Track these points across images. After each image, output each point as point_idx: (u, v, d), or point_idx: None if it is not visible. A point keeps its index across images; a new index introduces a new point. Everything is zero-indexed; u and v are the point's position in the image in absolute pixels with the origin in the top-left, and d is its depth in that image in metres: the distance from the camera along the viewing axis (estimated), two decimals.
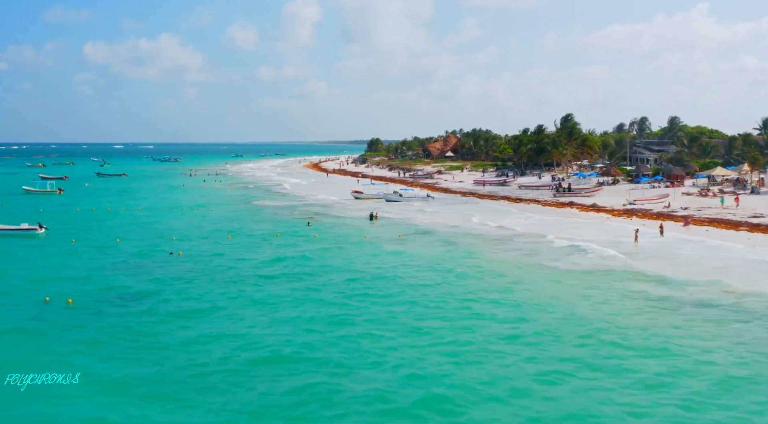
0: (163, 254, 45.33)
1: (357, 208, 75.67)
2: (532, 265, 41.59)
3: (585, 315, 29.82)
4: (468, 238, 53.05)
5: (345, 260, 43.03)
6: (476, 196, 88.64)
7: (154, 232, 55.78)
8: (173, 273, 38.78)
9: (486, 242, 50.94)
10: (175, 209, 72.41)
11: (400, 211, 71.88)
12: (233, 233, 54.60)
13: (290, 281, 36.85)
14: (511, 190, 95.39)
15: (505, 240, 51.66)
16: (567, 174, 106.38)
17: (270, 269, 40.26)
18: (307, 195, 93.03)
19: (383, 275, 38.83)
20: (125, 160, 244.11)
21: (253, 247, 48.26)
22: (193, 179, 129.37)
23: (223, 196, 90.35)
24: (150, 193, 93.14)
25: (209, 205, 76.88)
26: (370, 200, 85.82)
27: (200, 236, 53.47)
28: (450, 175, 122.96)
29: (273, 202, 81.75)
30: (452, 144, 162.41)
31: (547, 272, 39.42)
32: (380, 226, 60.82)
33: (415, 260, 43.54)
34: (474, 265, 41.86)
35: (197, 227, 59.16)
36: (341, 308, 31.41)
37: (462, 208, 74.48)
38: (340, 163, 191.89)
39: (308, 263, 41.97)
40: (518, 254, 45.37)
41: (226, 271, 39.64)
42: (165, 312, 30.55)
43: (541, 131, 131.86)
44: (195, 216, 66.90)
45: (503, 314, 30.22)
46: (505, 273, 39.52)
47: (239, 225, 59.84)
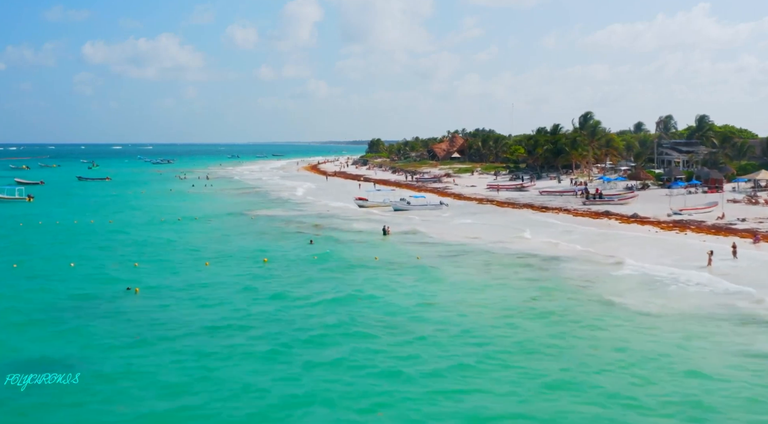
0: (116, 289, 34.65)
1: (363, 218, 65.09)
2: (622, 309, 30.88)
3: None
4: (508, 259, 42.56)
5: (348, 305, 31.90)
6: (494, 203, 78.05)
7: (118, 255, 44.96)
8: (114, 329, 27.91)
9: (537, 266, 40.50)
10: (152, 223, 61.55)
11: (413, 222, 61.34)
12: (215, 258, 43.71)
13: (277, 346, 25.84)
14: (531, 196, 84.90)
15: (559, 263, 41.21)
16: (589, 178, 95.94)
17: (258, 321, 29.34)
18: (306, 202, 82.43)
19: (403, 327, 28.20)
20: (116, 161, 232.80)
21: (236, 280, 37.36)
22: (183, 183, 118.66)
23: (213, 204, 79.65)
24: (130, 202, 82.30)
25: (194, 216, 66.08)
26: (375, 208, 75.46)
27: (173, 262, 42.71)
28: (459, 179, 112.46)
29: (268, 212, 71.07)
30: (458, 145, 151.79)
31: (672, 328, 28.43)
32: (393, 242, 50.28)
33: (443, 297, 33.07)
34: (539, 308, 31.15)
35: (172, 247, 48.27)
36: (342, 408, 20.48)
37: (485, 219, 63.85)
38: (340, 165, 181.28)
39: (301, 311, 31.02)
40: (598, 289, 34.61)
41: (189, 323, 28.85)
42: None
43: (557, 131, 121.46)
44: (174, 232, 56.09)
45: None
46: (600, 324, 28.70)
47: (225, 245, 48.88)
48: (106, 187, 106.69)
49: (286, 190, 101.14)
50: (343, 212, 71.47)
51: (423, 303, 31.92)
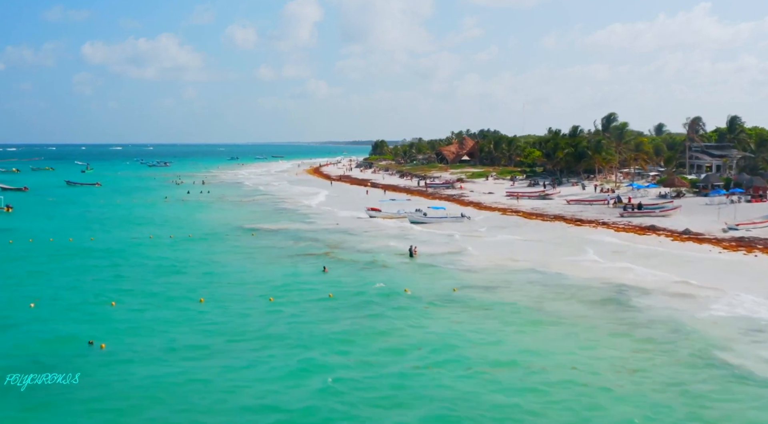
0: (77, 344, 26.64)
1: (381, 234, 56.90)
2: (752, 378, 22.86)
3: None
4: (570, 291, 34.57)
5: (405, 384, 23.10)
6: (520, 214, 69.94)
7: (90, 289, 36.58)
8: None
9: (612, 303, 32.44)
10: (139, 244, 52.89)
11: (438, 239, 53.36)
12: (211, 293, 35.32)
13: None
14: (557, 205, 76.92)
15: (637, 297, 33.18)
16: (615, 184, 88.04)
17: (262, 401, 21.36)
18: (313, 212, 74.28)
19: (452, 403, 20.40)
20: (112, 163, 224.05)
21: (234, 328, 29.24)
22: (178, 189, 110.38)
23: (210, 217, 71.35)
24: (118, 213, 73.98)
25: (188, 234, 57.76)
26: (389, 220, 67.58)
27: (158, 299, 34.36)
28: (473, 185, 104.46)
29: (271, 225, 62.85)
30: (468, 147, 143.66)
31: None
32: (421, 266, 42.30)
33: (507, 356, 25.13)
34: (643, 378, 23.04)
35: (160, 277, 39.81)
36: None
37: (517, 234, 55.77)
38: (343, 168, 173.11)
39: (341, 402, 22.22)
40: (700, 341, 26.35)
41: (166, 404, 20.94)
42: None
43: (576, 133, 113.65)
44: (164, 255, 47.65)
45: None
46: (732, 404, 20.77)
47: (222, 276, 40.33)
48: (95, 194, 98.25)
49: (289, 197, 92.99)
50: (357, 225, 63.32)
51: (487, 373, 23.82)
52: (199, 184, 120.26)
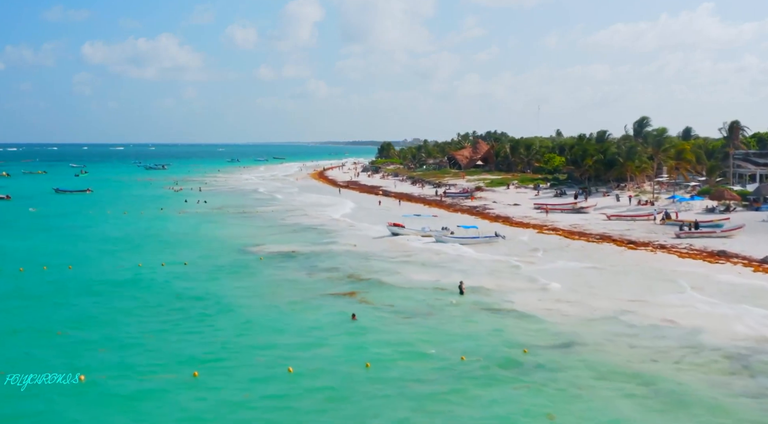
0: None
1: (413, 259, 48.28)
2: None
3: None
4: (702, 357, 25.73)
5: None
6: (560, 233, 61.29)
7: (52, 353, 27.57)
8: None
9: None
10: (124, 274, 43.72)
11: (483, 266, 44.75)
12: (208, 360, 26.66)
13: None
14: (595, 221, 68.43)
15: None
16: (653, 195, 79.65)
17: None
18: (326, 228, 65.56)
19: None
20: (109, 166, 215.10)
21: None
22: (176, 198, 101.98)
23: (209, 234, 62.53)
24: (105, 230, 65.07)
25: (183, 259, 49.04)
26: (414, 237, 59.31)
27: (134, 372, 25.55)
28: (493, 194, 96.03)
29: (280, 247, 54.25)
30: (483, 152, 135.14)
31: None
32: (474, 310, 33.82)
33: None
34: None
35: (140, 339, 30.27)
36: None
37: (570, 257, 47.30)
38: (349, 173, 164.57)
39: None
40: None
41: None
42: None
43: (603, 138, 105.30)
44: (152, 293, 38.46)
45: None
46: None
47: (220, 330, 31.30)
48: (85, 203, 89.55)
49: (296, 208, 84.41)
50: (379, 246, 54.75)
51: None
52: (198, 190, 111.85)
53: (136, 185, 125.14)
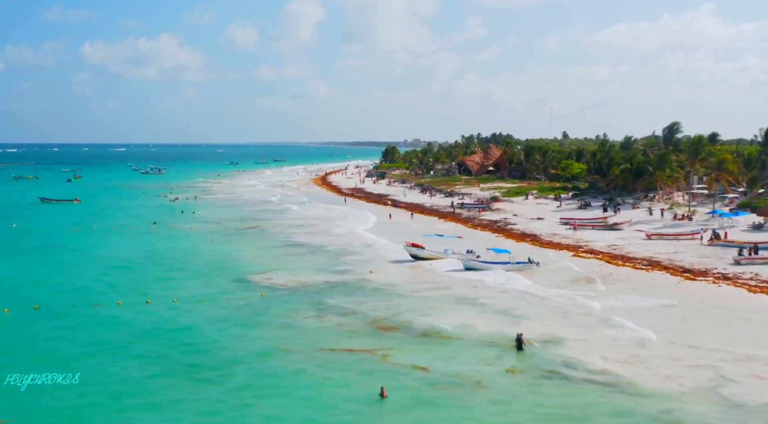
0: None
1: (445, 295, 40.56)
2: None
3: None
4: None
5: None
6: (600, 257, 53.87)
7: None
8: None
9: None
10: (101, 315, 36.35)
11: (532, 305, 37.33)
12: None
13: None
14: (632, 239, 61.05)
15: None
16: (690, 209, 72.35)
17: None
18: (336, 249, 57.75)
19: None
20: (103, 170, 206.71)
21: None
22: (170, 208, 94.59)
23: (203, 256, 55.31)
24: (87, 250, 57.34)
25: (171, 295, 41.56)
26: (433, 260, 52.16)
27: None
28: (511, 204, 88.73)
29: (285, 277, 46.21)
30: (494, 157, 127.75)
31: None
32: (540, 377, 26.21)
33: None
34: None
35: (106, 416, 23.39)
36: None
37: (643, 294, 39.56)
38: (353, 178, 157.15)
39: None
40: None
41: None
42: None
43: (629, 144, 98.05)
44: (125, 347, 31.40)
45: None
46: None
47: (220, 404, 24.20)
48: (70, 215, 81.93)
49: (301, 224, 76.83)
50: (400, 274, 47.27)
51: None
52: (194, 198, 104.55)
53: (128, 193, 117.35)
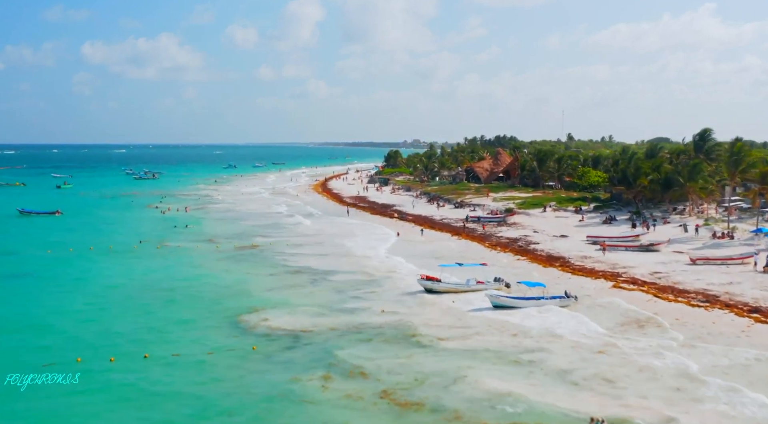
0: None
1: (483, 347, 32.59)
2: None
3: None
4: None
5: None
6: (648, 290, 46.31)
7: None
8: None
9: None
10: (49, 390, 29.59)
11: (601, 363, 29.55)
12: None
13: None
14: (674, 263, 53.75)
15: None
16: (728, 226, 65.09)
17: None
18: (344, 278, 50.63)
19: None
20: (97, 174, 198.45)
21: None
22: (159, 221, 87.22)
23: (190, 288, 47.81)
24: (55, 280, 49.39)
25: (142, 343, 34.24)
26: (452, 294, 44.96)
27: None
28: (529, 217, 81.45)
29: (283, 319, 38.62)
30: (505, 164, 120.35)
31: None
32: None
33: None
34: None
35: None
36: None
37: (724, 343, 31.69)
38: (355, 184, 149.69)
39: None
40: None
41: None
42: None
43: (656, 153, 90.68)
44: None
45: None
46: None
47: None
48: (48, 233, 74.07)
49: (302, 242, 69.35)
50: (422, 314, 39.79)
51: None
52: (185, 210, 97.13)
53: (118, 203, 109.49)
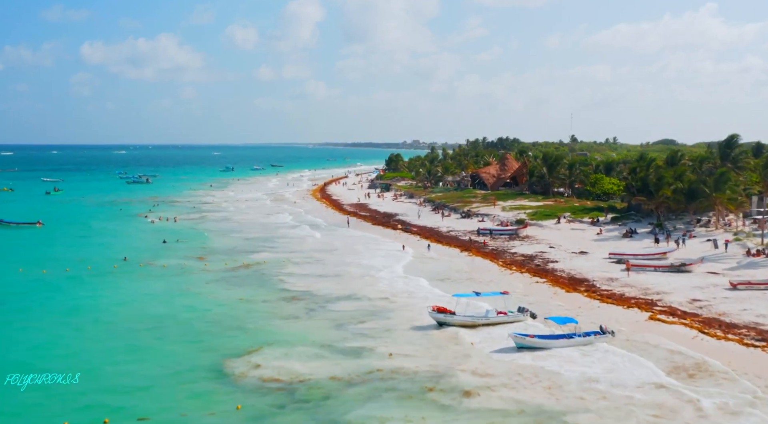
0: None
1: (509, 409, 26.31)
2: None
3: None
4: None
5: None
6: (692, 324, 40.25)
7: None
8: None
9: None
10: None
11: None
12: None
13: None
14: (712, 287, 48.04)
15: None
16: (762, 241, 59.44)
17: None
18: (346, 308, 44.86)
19: None
20: (90, 178, 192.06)
21: None
22: (148, 234, 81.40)
23: (169, 324, 41.80)
24: (19, 311, 43.56)
25: (103, 409, 28.16)
26: (466, 329, 39.26)
27: None
28: (542, 229, 75.71)
29: (275, 364, 32.75)
30: (512, 169, 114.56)
31: None
32: None
33: None
34: None
35: None
36: None
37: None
38: (355, 189, 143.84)
39: None
40: None
41: None
42: None
43: (677, 161, 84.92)
44: None
45: None
46: None
47: None
48: (24, 249, 67.65)
49: (301, 259, 63.59)
50: (437, 357, 33.84)
51: None
52: (174, 219, 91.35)
53: (106, 211, 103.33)
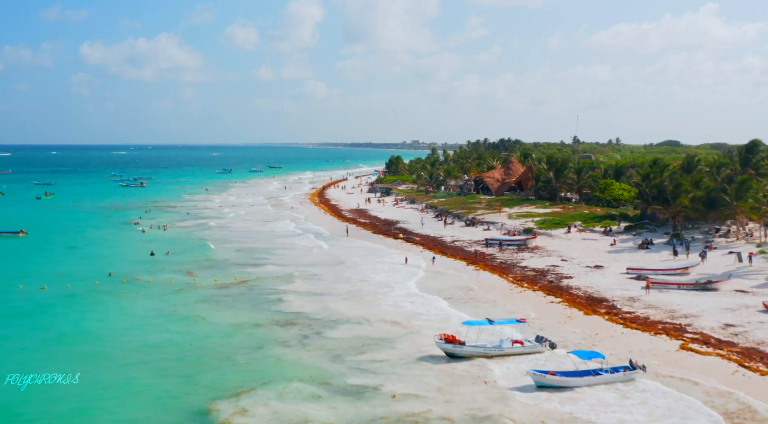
0: None
1: None
2: None
3: None
4: None
5: None
6: (730, 356, 35.78)
7: None
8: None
9: None
10: None
11: None
12: None
13: None
14: (744, 310, 43.77)
15: None
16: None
17: None
18: (341, 333, 40.78)
19: None
20: (84, 181, 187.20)
21: None
22: (137, 243, 77.13)
23: (141, 354, 37.33)
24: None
25: None
26: (481, 360, 35.10)
27: None
28: (552, 240, 71.52)
29: (260, 416, 29.05)
30: (517, 174, 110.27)
31: None
32: None
33: None
34: None
35: None
36: None
37: None
38: (354, 192, 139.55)
39: None
40: None
41: None
42: None
43: (692, 166, 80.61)
44: None
45: None
46: None
47: None
48: (2, 261, 64.41)
49: (295, 269, 59.13)
50: (447, 403, 29.43)
51: None
52: (163, 227, 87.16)
53: (96, 218, 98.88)
